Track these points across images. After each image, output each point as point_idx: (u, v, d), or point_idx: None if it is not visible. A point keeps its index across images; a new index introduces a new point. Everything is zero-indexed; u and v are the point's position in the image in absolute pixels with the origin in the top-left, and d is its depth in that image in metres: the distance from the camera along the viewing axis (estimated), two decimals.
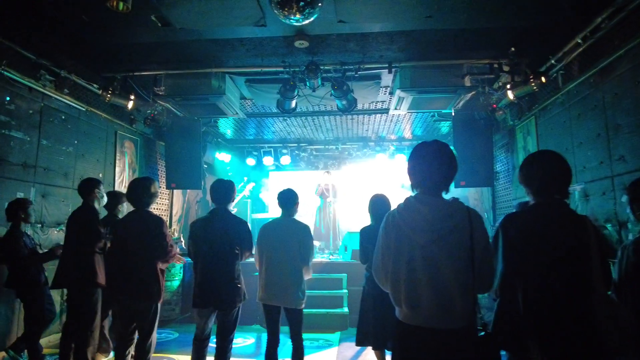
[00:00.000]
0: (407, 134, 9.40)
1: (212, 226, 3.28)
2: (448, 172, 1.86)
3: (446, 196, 1.87)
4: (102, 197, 4.04)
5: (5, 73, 4.27)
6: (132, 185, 3.48)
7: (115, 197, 4.41)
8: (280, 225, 3.59)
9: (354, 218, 9.93)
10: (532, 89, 4.72)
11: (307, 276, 3.57)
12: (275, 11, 3.07)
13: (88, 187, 3.92)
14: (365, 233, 3.89)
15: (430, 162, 1.84)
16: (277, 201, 3.74)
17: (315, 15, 3.13)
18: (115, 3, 3.59)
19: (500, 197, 7.25)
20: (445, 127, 8.61)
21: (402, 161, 9.81)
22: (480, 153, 6.76)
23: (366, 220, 4.05)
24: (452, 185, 1.91)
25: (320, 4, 3.09)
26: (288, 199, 3.66)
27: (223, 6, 3.87)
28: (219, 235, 3.24)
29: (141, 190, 3.42)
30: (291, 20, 3.11)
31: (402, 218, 1.82)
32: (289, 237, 3.49)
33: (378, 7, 3.91)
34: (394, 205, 2.00)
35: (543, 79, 4.68)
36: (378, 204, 3.86)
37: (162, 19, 4.20)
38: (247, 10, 3.96)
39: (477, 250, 1.74)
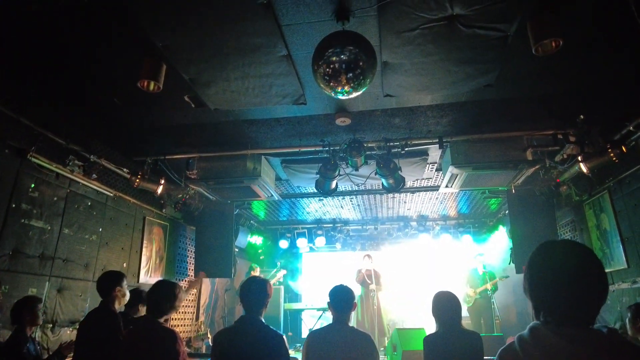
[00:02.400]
0: (452, 212, 8.71)
1: (239, 342, 2.63)
2: (601, 288, 1.24)
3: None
4: (124, 295, 3.50)
5: (33, 160, 4.05)
6: (156, 287, 2.94)
7: (137, 297, 3.86)
8: (339, 337, 2.87)
9: (400, 309, 8.95)
10: (612, 160, 4.08)
11: None
12: (322, 85, 2.71)
13: (109, 284, 3.37)
14: (429, 343, 3.11)
15: (575, 273, 1.23)
16: (329, 302, 3.07)
17: (364, 89, 2.74)
18: (146, 83, 3.37)
19: None
20: (494, 204, 7.90)
21: (448, 241, 9.02)
22: (542, 233, 5.97)
23: (420, 318, 3.29)
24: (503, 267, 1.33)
25: (371, 77, 2.71)
26: (346, 300, 2.99)
27: (261, 84, 3.60)
28: (246, 355, 2.58)
29: (164, 296, 2.87)
30: (338, 94, 2.73)
31: None
32: (347, 353, 2.76)
33: (430, 78, 3.53)
34: (463, 304, 1.35)
35: (624, 149, 4.06)
36: (445, 305, 3.13)
37: (195, 100, 3.97)
38: (286, 88, 3.66)
39: None
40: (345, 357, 2.78)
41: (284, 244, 9.54)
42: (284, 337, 2.75)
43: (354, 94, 2.73)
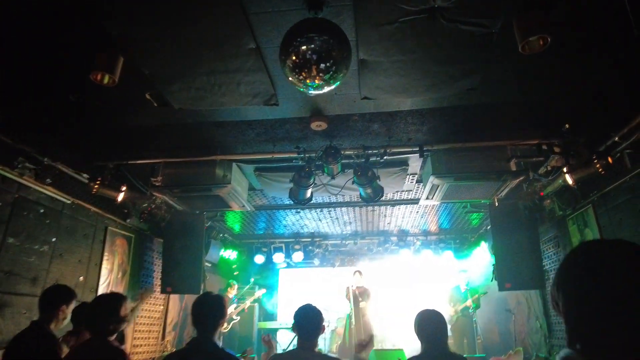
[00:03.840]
0: (433, 227, 8.49)
1: None
2: None
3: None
4: (65, 318, 3.06)
5: None
6: (96, 303, 2.58)
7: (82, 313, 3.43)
8: None
9: (380, 328, 8.59)
10: (598, 171, 3.91)
11: None
12: (291, 78, 2.44)
13: (55, 300, 2.96)
14: None
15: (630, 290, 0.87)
16: (294, 324, 2.74)
17: (337, 83, 2.48)
18: (99, 76, 3.04)
19: None
20: (476, 219, 7.72)
21: (429, 257, 8.78)
22: (525, 249, 5.80)
23: (400, 337, 2.99)
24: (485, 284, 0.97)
25: (345, 71, 2.46)
26: (313, 323, 2.67)
27: (228, 81, 3.31)
28: None
29: (106, 312, 2.50)
30: (309, 88, 2.46)
31: None
32: None
33: (410, 80, 3.30)
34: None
35: (610, 160, 3.89)
36: (429, 324, 2.84)
37: (158, 98, 3.66)
38: (256, 86, 3.38)
39: None
40: None
41: (259, 259, 9.14)
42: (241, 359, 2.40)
43: (327, 88, 2.46)
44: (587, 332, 0.90)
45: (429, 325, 2.88)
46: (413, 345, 2.94)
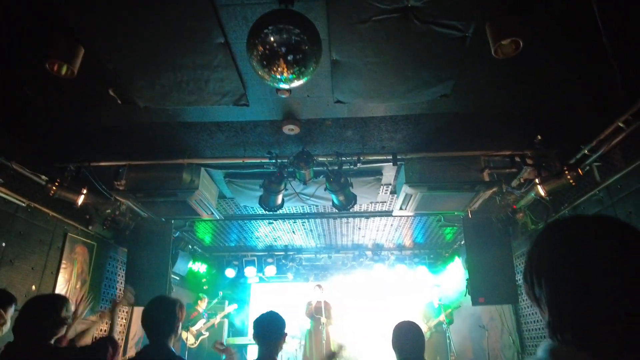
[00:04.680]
0: (408, 242, 8.43)
1: None
2: None
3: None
4: (4, 324, 2.81)
5: None
6: (31, 305, 2.34)
7: None
8: None
9: (353, 344, 8.41)
10: (569, 183, 3.92)
11: None
12: (258, 69, 2.33)
13: None
14: None
15: (624, 268, 0.77)
16: (254, 333, 2.57)
17: (307, 78, 2.38)
18: (57, 66, 2.86)
19: (527, 317, 6.04)
20: (450, 234, 7.70)
21: (403, 272, 8.69)
22: (499, 264, 5.77)
23: (375, 353, 2.87)
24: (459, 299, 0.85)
25: (315, 65, 2.37)
26: (271, 331, 2.51)
27: (196, 78, 3.18)
28: None
29: (44, 314, 2.28)
30: (278, 82, 2.36)
31: None
32: None
33: (384, 84, 3.25)
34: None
35: (580, 172, 3.92)
36: (407, 336, 2.73)
37: (122, 95, 3.48)
38: (225, 84, 3.26)
39: None
40: None
41: (230, 272, 8.85)
42: None
43: (296, 82, 2.36)
44: (579, 319, 0.79)
45: (406, 338, 2.78)
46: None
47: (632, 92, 3.20)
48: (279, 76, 2.33)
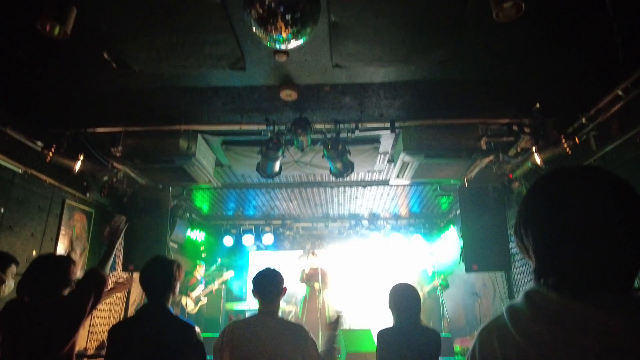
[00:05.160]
0: (404, 211, 8.52)
1: (139, 336, 2.13)
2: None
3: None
4: (3, 283, 2.87)
5: None
6: (38, 262, 2.40)
7: None
8: (265, 329, 2.43)
9: (348, 310, 8.64)
10: (565, 152, 3.94)
11: None
12: (257, 31, 2.29)
13: None
14: (385, 337, 2.78)
15: (611, 215, 0.81)
16: (253, 289, 2.63)
17: (305, 38, 2.35)
18: (49, 26, 2.79)
19: (519, 284, 6.19)
20: (445, 204, 7.78)
21: (398, 240, 8.82)
22: (493, 232, 5.85)
23: (369, 319, 2.98)
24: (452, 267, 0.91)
25: (313, 25, 2.33)
26: (270, 285, 2.57)
27: (191, 40, 3.12)
28: (148, 350, 2.09)
29: (51, 272, 2.34)
30: (276, 43, 2.32)
31: (535, 343, 0.77)
32: (277, 350, 2.33)
33: (383, 47, 3.20)
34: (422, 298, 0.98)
35: (577, 140, 3.93)
36: (403, 297, 2.81)
37: (117, 59, 3.41)
38: (222, 47, 3.20)
39: None
40: (273, 352, 2.35)
41: (228, 240, 8.96)
42: (197, 328, 2.27)
43: (294, 43, 2.33)
44: (560, 263, 0.83)
45: (403, 299, 2.87)
46: (381, 326, 2.91)
47: (632, 58, 3.18)
48: (276, 36, 2.29)
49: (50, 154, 4.28)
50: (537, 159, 4.12)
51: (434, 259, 8.11)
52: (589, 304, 0.74)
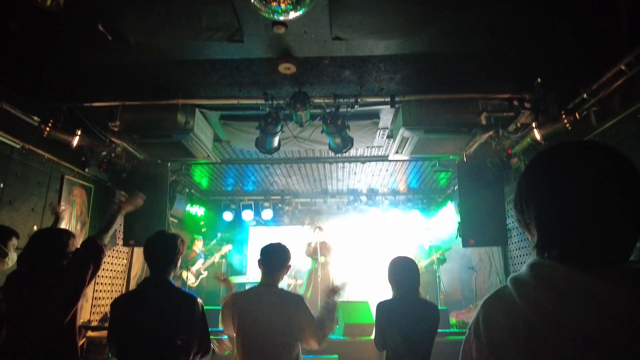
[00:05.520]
0: (402, 187, 8.54)
1: (143, 308, 2.17)
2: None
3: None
4: (6, 256, 2.90)
5: None
6: (39, 236, 2.43)
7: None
8: (266, 300, 2.49)
9: (347, 284, 8.78)
10: (565, 127, 3.92)
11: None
12: (255, 2, 2.24)
13: None
14: (384, 309, 2.84)
15: (610, 190, 0.82)
16: (260, 259, 2.68)
17: (304, 10, 2.31)
18: None
19: (515, 259, 6.27)
20: (444, 179, 7.80)
21: (396, 216, 8.89)
22: (491, 207, 5.88)
23: (366, 292, 3.04)
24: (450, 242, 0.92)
25: None
26: (276, 258, 2.61)
27: (188, 11, 3.05)
28: (152, 322, 2.13)
29: (51, 245, 2.38)
30: (275, 14, 2.27)
31: (540, 311, 0.79)
32: (276, 318, 2.39)
33: (385, 18, 3.14)
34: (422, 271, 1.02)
35: (577, 116, 3.90)
36: (403, 271, 2.85)
37: (112, 31, 3.34)
38: (219, 18, 3.13)
39: None
40: (273, 322, 2.41)
41: (228, 215, 9.02)
42: (199, 300, 2.32)
43: (292, 14, 2.29)
44: (564, 235, 0.84)
45: (402, 272, 2.91)
46: (378, 298, 2.97)
47: (637, 32, 3.13)
48: (274, 6, 2.25)
49: (48, 128, 4.25)
50: (537, 135, 4.10)
51: (430, 234, 8.19)
52: (593, 276, 0.76)
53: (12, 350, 2.14)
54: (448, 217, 8.19)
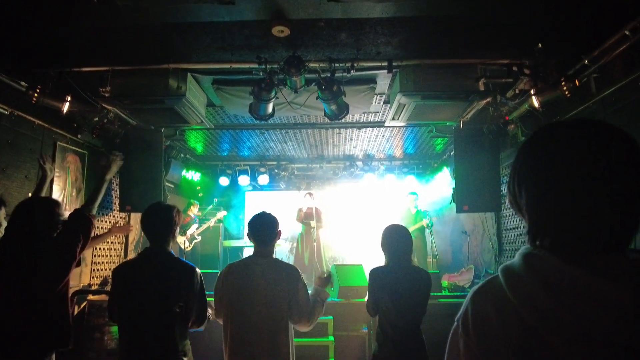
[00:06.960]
0: (398, 152, 8.52)
1: (143, 276, 2.22)
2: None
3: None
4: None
5: None
6: (25, 205, 2.43)
7: None
8: (260, 270, 2.52)
9: (341, 247, 8.94)
10: (564, 94, 3.86)
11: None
12: None
13: None
14: (377, 276, 2.91)
15: (609, 172, 0.77)
16: (248, 233, 2.71)
17: None
18: None
19: (507, 225, 6.37)
20: (440, 145, 7.76)
21: (392, 181, 8.92)
22: (486, 174, 5.89)
23: (360, 255, 3.09)
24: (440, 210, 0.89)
25: None
26: (264, 229, 2.63)
27: None
28: (152, 290, 2.18)
29: (37, 213, 2.37)
30: None
31: (533, 309, 0.76)
32: (269, 288, 2.44)
33: None
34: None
35: (577, 82, 3.84)
36: (395, 238, 2.90)
37: None
38: None
39: None
40: (267, 293, 2.46)
41: (224, 181, 9.02)
42: (197, 269, 2.35)
43: None
44: (556, 224, 0.81)
45: (395, 239, 2.95)
46: (372, 262, 3.03)
47: None
48: None
49: (36, 94, 4.15)
50: (535, 102, 4.05)
51: (415, 198, 8.07)
52: (588, 270, 0.72)
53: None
54: (443, 182, 8.22)
